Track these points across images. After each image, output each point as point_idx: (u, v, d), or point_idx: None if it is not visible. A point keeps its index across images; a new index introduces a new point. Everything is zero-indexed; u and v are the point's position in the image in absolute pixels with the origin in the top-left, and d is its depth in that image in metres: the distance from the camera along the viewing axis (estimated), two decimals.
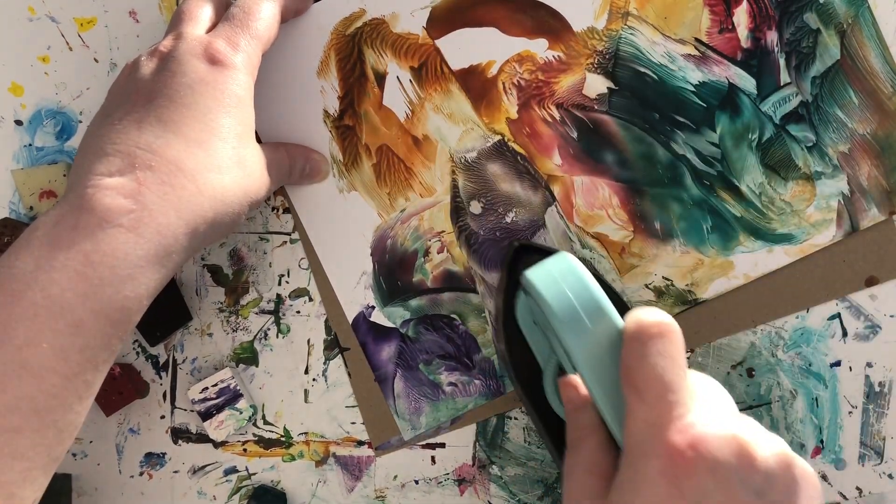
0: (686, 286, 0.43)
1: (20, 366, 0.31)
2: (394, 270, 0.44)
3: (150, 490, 0.46)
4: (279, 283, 0.45)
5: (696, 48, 0.41)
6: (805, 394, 0.43)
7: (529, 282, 0.32)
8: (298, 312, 0.45)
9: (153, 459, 0.46)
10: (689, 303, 0.43)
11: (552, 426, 0.39)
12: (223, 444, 0.46)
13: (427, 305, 0.44)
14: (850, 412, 0.43)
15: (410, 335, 0.44)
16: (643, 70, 0.42)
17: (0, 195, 0.44)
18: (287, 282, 0.45)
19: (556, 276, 0.32)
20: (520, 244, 0.40)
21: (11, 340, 0.31)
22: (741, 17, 0.41)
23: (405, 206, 0.44)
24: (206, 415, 0.44)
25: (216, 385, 0.44)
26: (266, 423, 0.45)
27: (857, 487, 0.44)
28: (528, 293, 0.34)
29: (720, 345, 0.43)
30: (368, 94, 0.43)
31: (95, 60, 0.44)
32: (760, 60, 0.41)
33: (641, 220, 0.43)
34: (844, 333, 0.43)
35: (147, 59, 0.36)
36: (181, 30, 0.37)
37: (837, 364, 0.43)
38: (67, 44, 0.44)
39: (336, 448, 0.45)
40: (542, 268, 0.33)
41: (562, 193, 0.43)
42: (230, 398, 0.44)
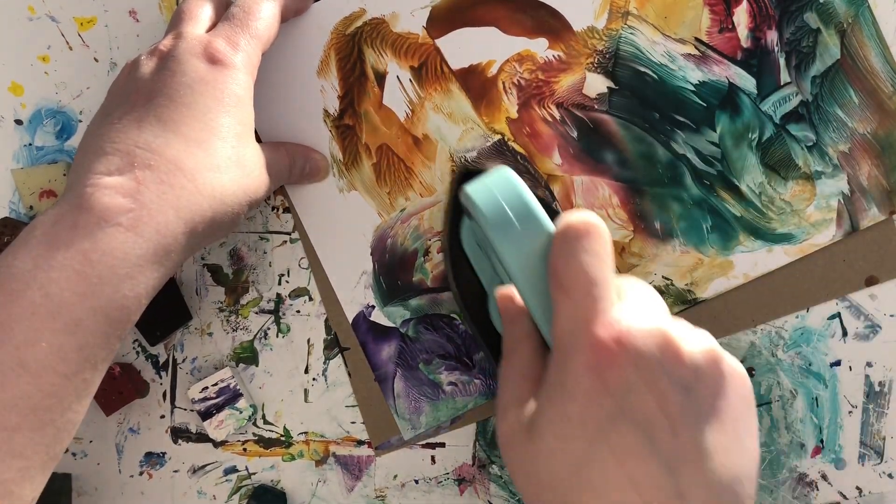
0: (686, 286, 0.43)
1: (19, 364, 0.31)
2: (394, 270, 0.44)
3: (150, 490, 0.46)
4: (279, 283, 0.45)
5: (696, 48, 0.41)
6: (805, 393, 0.43)
7: (466, 195, 0.33)
8: (298, 312, 0.45)
9: (153, 459, 0.46)
10: (689, 302, 0.43)
11: (497, 348, 0.39)
12: (223, 444, 0.46)
13: (427, 305, 0.44)
14: (850, 412, 0.43)
15: (410, 335, 0.44)
16: (643, 69, 0.42)
17: (0, 195, 0.44)
18: (287, 281, 0.45)
19: (491, 187, 0.32)
20: (465, 168, 0.40)
21: (10, 339, 0.31)
22: (741, 17, 0.41)
23: (405, 206, 0.44)
24: (206, 414, 0.44)
25: (216, 385, 0.44)
26: (266, 423, 0.45)
27: (857, 487, 0.44)
28: (468, 211, 0.34)
29: (720, 344, 0.43)
30: (368, 94, 0.43)
31: (95, 60, 0.44)
32: (760, 60, 0.41)
33: (641, 220, 0.43)
34: (844, 333, 0.43)
35: (147, 59, 0.36)
36: (181, 29, 0.37)
37: (837, 364, 0.43)
38: (67, 43, 0.44)
39: (336, 448, 0.45)
40: (480, 181, 0.33)
41: (562, 193, 0.43)
42: (230, 398, 0.44)
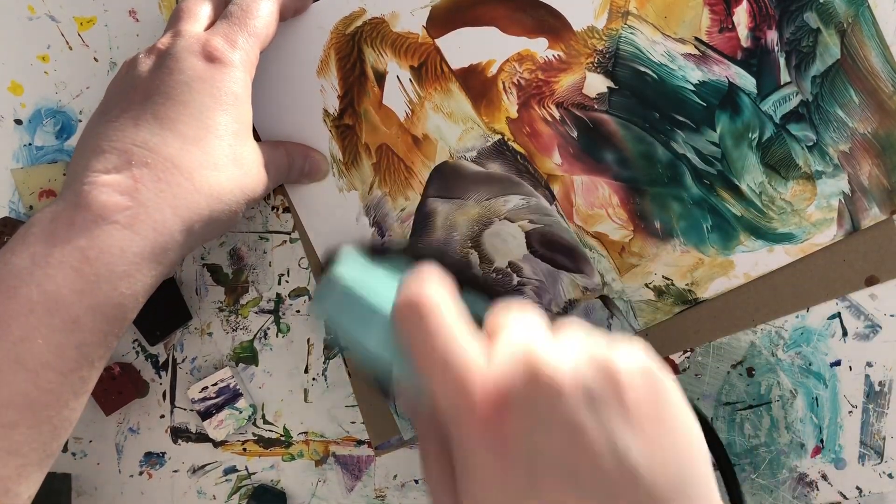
0: (686, 285, 0.43)
1: (15, 361, 0.31)
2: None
3: (150, 489, 0.46)
4: (279, 283, 0.45)
5: (696, 47, 0.41)
6: (805, 393, 0.43)
7: (318, 317, 0.33)
8: (298, 312, 0.45)
9: (153, 459, 0.46)
10: (689, 302, 0.43)
11: None
12: (223, 444, 0.46)
13: None
14: (850, 412, 0.43)
15: None
16: (643, 69, 0.42)
17: (0, 194, 0.44)
18: (287, 281, 0.45)
19: (330, 304, 0.32)
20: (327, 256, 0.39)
21: (7, 336, 0.31)
22: (741, 17, 0.41)
23: (405, 206, 0.43)
24: (206, 414, 0.44)
25: (216, 384, 0.44)
26: (266, 423, 0.45)
27: (857, 487, 0.43)
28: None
29: (720, 344, 0.43)
30: (368, 94, 0.43)
31: (95, 59, 0.44)
32: (760, 60, 0.41)
33: (641, 220, 0.42)
34: (844, 333, 0.43)
35: (145, 57, 0.36)
36: (179, 27, 0.37)
37: (837, 363, 0.43)
38: (67, 43, 0.44)
39: (336, 447, 0.45)
40: (318, 302, 0.33)
41: (562, 193, 0.43)
42: (230, 397, 0.44)
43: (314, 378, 0.45)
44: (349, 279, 0.32)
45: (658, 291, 0.43)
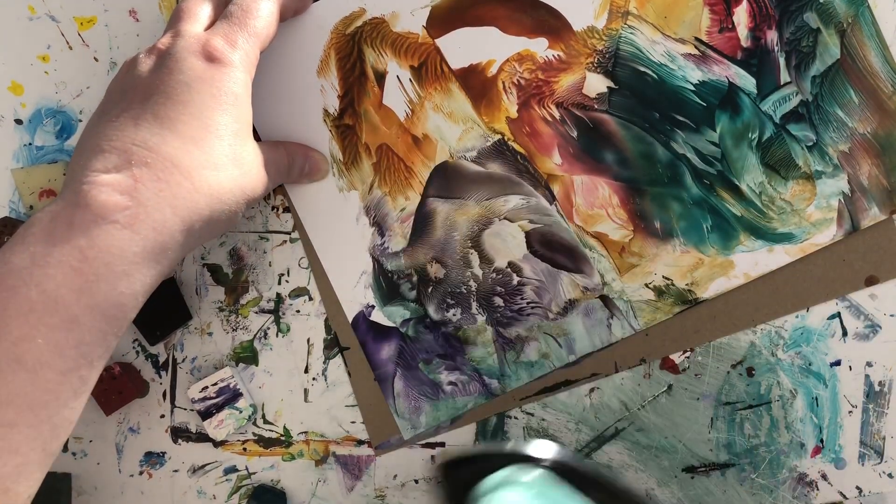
0: (686, 285, 0.43)
1: (15, 361, 0.31)
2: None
3: (150, 489, 0.46)
4: (279, 283, 0.45)
5: (696, 47, 0.41)
6: (805, 393, 0.43)
7: None
8: (298, 312, 0.45)
9: (153, 458, 0.46)
10: (689, 302, 0.43)
11: None
12: (223, 444, 0.46)
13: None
14: (850, 412, 0.43)
15: (410, 334, 0.44)
16: (643, 69, 0.42)
17: (0, 194, 0.44)
18: (287, 281, 0.45)
19: None
20: (445, 462, 0.37)
21: (7, 336, 0.31)
22: (741, 17, 0.41)
23: (405, 206, 0.44)
24: (206, 414, 0.44)
25: (216, 384, 0.44)
26: (266, 423, 0.45)
27: (857, 487, 0.44)
28: None
29: (720, 344, 0.43)
30: (368, 94, 0.43)
31: (95, 59, 0.44)
32: (760, 60, 0.41)
33: (641, 220, 0.42)
34: (844, 333, 0.43)
35: (145, 57, 0.36)
36: (179, 27, 0.37)
37: (837, 363, 0.43)
38: (67, 43, 0.44)
39: (336, 447, 0.45)
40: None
41: (562, 193, 0.43)
42: (230, 397, 0.44)
43: (314, 378, 0.45)
44: None
45: (658, 291, 0.43)
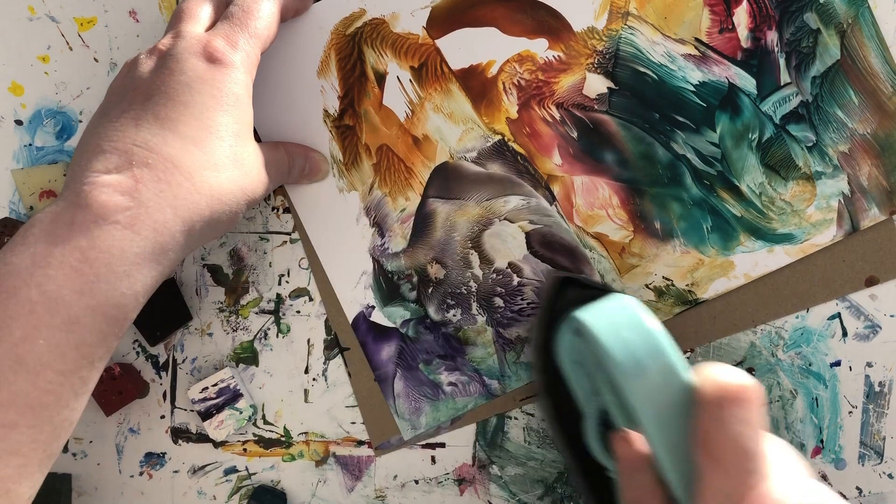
0: (686, 286, 0.43)
1: (16, 362, 0.31)
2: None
3: (150, 490, 0.46)
4: (279, 283, 0.45)
5: (696, 48, 0.41)
6: (805, 393, 0.43)
7: (585, 325, 0.30)
8: (298, 312, 0.45)
9: (153, 459, 0.46)
10: (689, 303, 0.43)
11: (591, 472, 0.37)
12: (223, 444, 0.46)
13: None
14: (850, 412, 0.43)
15: (410, 335, 0.44)
16: (643, 70, 0.42)
17: (0, 195, 0.44)
18: (287, 281, 0.45)
19: (618, 323, 0.30)
20: (564, 277, 0.38)
21: (8, 337, 0.31)
22: (741, 17, 0.41)
23: (405, 206, 0.44)
24: (206, 414, 0.44)
25: (216, 385, 0.44)
26: (266, 423, 0.45)
27: (857, 487, 0.44)
28: (580, 334, 0.31)
29: (720, 344, 0.43)
30: (368, 94, 0.43)
31: (95, 60, 0.44)
32: (760, 60, 0.41)
33: (641, 220, 0.43)
34: (844, 333, 0.43)
35: (146, 58, 0.36)
36: (180, 28, 0.37)
37: (837, 364, 0.43)
38: (67, 43, 0.44)
39: (336, 448, 0.45)
40: (600, 311, 0.31)
41: (562, 193, 0.43)
42: (230, 398, 0.44)
43: (314, 378, 0.45)
44: (651, 324, 0.30)
45: (658, 292, 0.43)
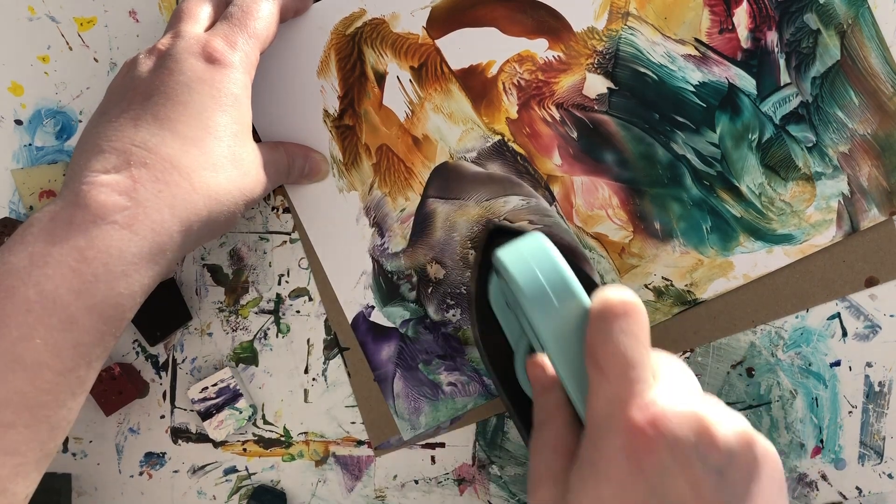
0: (685, 286, 0.43)
1: (13, 361, 0.31)
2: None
3: (150, 490, 0.46)
4: (279, 283, 0.45)
5: (696, 48, 0.41)
6: (805, 393, 0.43)
7: (499, 261, 0.33)
8: (298, 312, 0.45)
9: (153, 459, 0.46)
10: (689, 303, 0.43)
11: (523, 407, 0.39)
12: (223, 444, 0.46)
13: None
14: (850, 412, 0.43)
15: (410, 335, 0.44)
16: (643, 70, 0.42)
17: (0, 195, 0.44)
18: (287, 281, 0.45)
19: (526, 256, 0.32)
20: (495, 226, 0.40)
21: (5, 336, 0.31)
22: (741, 18, 0.41)
23: (405, 206, 0.44)
24: (206, 414, 0.44)
25: (216, 385, 0.44)
26: (266, 423, 0.45)
27: (857, 487, 0.44)
28: (500, 274, 0.34)
29: (720, 345, 0.43)
30: (368, 94, 0.43)
31: (95, 60, 0.44)
32: (760, 61, 0.41)
33: (641, 220, 0.42)
34: (844, 333, 0.43)
35: (145, 57, 0.36)
36: (179, 28, 0.37)
37: (837, 364, 0.43)
38: (67, 43, 0.44)
39: (336, 448, 0.45)
40: (513, 247, 0.33)
41: (561, 193, 0.43)
42: (230, 398, 0.44)
43: (314, 378, 0.45)
44: (555, 254, 0.32)
45: (657, 292, 0.43)
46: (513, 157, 0.43)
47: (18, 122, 0.44)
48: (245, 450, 0.46)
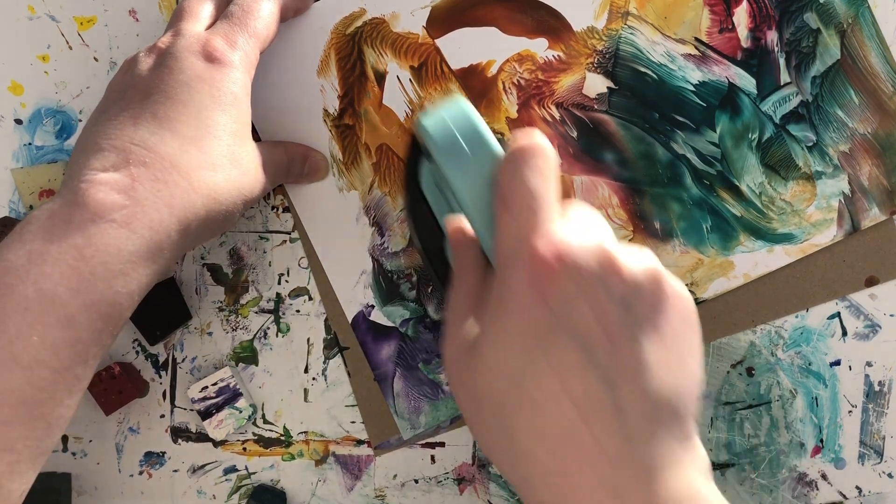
0: (686, 286, 0.43)
1: (10, 358, 0.31)
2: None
3: (150, 489, 0.46)
4: (279, 282, 0.45)
5: (696, 48, 0.41)
6: (805, 393, 0.43)
7: (420, 125, 0.33)
8: (298, 311, 0.45)
9: (153, 458, 0.46)
10: None
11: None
12: (223, 444, 0.46)
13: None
14: (850, 411, 0.43)
15: (410, 334, 0.44)
16: (643, 70, 0.42)
17: (0, 194, 0.44)
18: (287, 281, 0.45)
19: (444, 117, 0.33)
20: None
21: (3, 333, 0.31)
22: (741, 17, 0.41)
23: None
24: (206, 414, 0.44)
25: (216, 384, 0.44)
26: (266, 423, 0.45)
27: (857, 487, 0.44)
28: (426, 151, 0.34)
29: (720, 344, 0.43)
30: (368, 94, 0.43)
31: (95, 59, 0.44)
32: (760, 60, 0.41)
33: (641, 220, 0.42)
34: (844, 333, 0.43)
35: (145, 56, 0.36)
36: (180, 27, 0.37)
37: (837, 363, 0.43)
38: (67, 43, 0.44)
39: (336, 447, 0.45)
40: (433, 112, 0.33)
41: (561, 193, 0.43)
42: (230, 397, 0.44)
43: (314, 378, 0.45)
44: (471, 111, 0.33)
45: None
46: None
47: (18, 122, 0.44)
48: (245, 449, 0.46)
